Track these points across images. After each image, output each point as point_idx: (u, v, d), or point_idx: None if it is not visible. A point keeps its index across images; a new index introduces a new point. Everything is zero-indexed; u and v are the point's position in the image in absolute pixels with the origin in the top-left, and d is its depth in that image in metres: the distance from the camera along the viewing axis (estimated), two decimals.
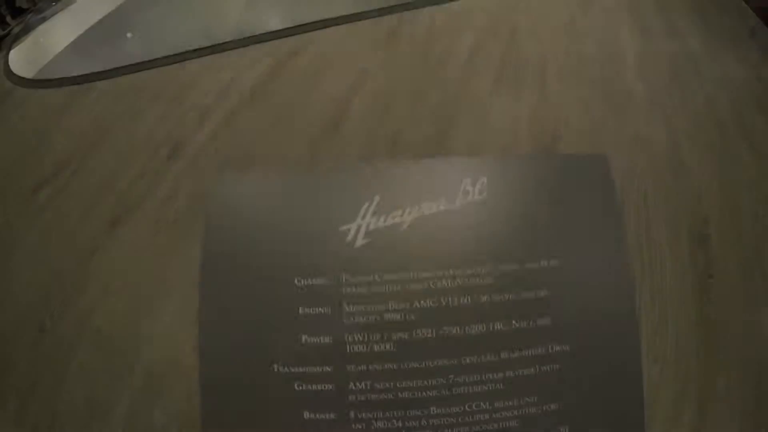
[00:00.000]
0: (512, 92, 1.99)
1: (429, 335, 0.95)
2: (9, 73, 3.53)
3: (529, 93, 2.00)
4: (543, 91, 2.01)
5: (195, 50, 2.68)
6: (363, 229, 1.02)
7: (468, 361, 0.92)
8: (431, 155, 1.69)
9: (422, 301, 0.97)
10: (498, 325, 0.93)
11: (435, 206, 1.02)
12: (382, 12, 2.72)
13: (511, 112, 1.89)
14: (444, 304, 0.96)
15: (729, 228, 1.56)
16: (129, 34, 3.57)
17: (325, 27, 2.64)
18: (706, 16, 3.06)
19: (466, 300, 0.96)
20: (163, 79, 2.54)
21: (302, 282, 1.01)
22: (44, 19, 4.68)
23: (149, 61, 2.74)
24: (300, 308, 1.00)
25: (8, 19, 5.08)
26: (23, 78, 3.31)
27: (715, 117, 2.09)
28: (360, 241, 1.02)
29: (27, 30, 4.54)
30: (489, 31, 2.51)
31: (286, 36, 2.62)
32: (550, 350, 0.94)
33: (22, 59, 3.70)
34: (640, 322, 1.25)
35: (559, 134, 1.77)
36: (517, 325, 0.93)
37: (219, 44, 2.68)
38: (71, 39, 3.84)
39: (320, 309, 0.99)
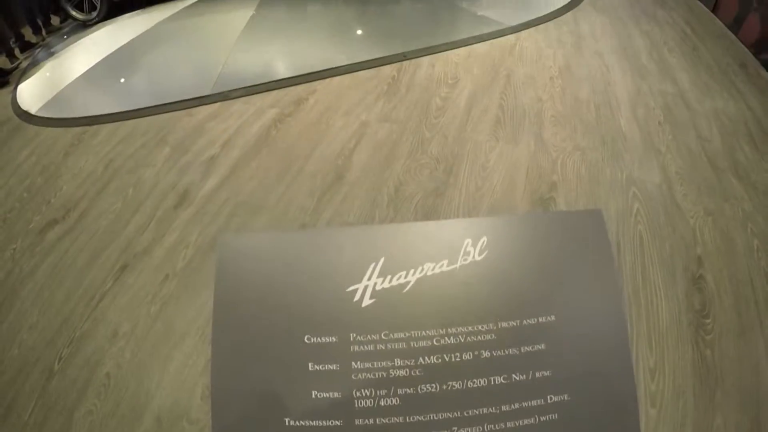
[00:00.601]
0: (510, 139, 2.03)
1: (433, 390, 0.98)
2: (18, 109, 3.63)
3: (527, 139, 2.03)
4: (540, 137, 2.04)
5: (201, 97, 2.75)
6: (369, 290, 1.07)
7: (470, 413, 0.96)
8: (433, 209, 1.72)
9: (426, 358, 1.01)
10: (499, 379, 0.97)
11: (437, 267, 1.07)
12: (382, 61, 2.79)
13: (509, 159, 1.92)
14: (447, 360, 1.00)
15: (724, 265, 1.59)
16: (122, 79, 3.61)
17: (328, 76, 2.71)
18: (696, 51, 3.12)
19: (468, 356, 1.00)
20: (170, 124, 2.59)
21: (312, 339, 1.05)
22: (53, 54, 4.83)
23: (156, 106, 2.81)
24: (310, 364, 1.04)
25: (17, 52, 5.24)
26: (32, 115, 3.37)
27: (708, 153, 2.12)
28: (367, 302, 1.07)
29: (35, 65, 4.67)
30: (486, 77, 2.55)
31: (290, 85, 2.69)
32: (549, 400, 0.98)
33: (30, 94, 3.79)
34: (637, 366, 1.29)
35: (555, 181, 1.80)
36: (517, 378, 0.97)
37: (225, 92, 2.75)
38: (78, 75, 3.95)
39: (330, 366, 1.03)
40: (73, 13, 5.23)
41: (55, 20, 5.89)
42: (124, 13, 5.12)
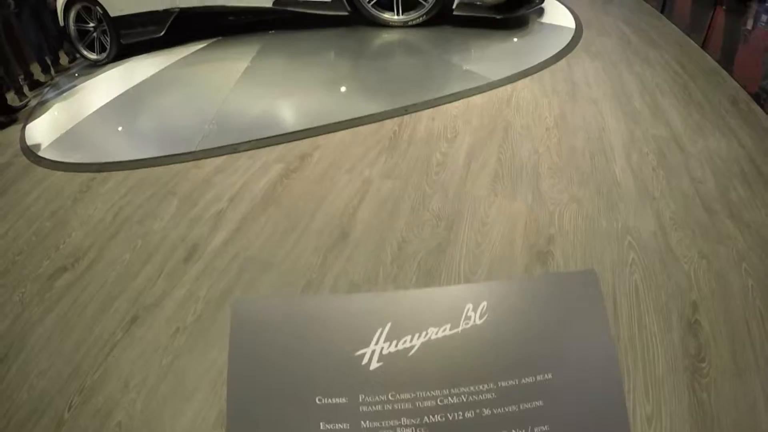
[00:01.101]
0: (508, 193, 2.12)
1: None
2: (26, 149, 3.78)
3: (524, 192, 2.13)
4: (537, 190, 2.14)
5: (207, 150, 2.87)
6: (377, 354, 1.14)
7: None
8: (435, 266, 1.80)
9: (431, 417, 1.09)
10: None
11: (441, 331, 1.15)
12: (383, 115, 2.91)
13: (508, 213, 2.01)
14: (451, 419, 1.08)
15: (719, 308, 1.65)
16: (128, 125, 3.77)
17: (332, 131, 2.82)
18: (688, 90, 3.24)
19: (470, 414, 1.08)
20: (178, 176, 2.70)
21: (323, 400, 1.13)
22: (61, 95, 5.05)
23: (164, 156, 2.93)
24: (321, 423, 1.11)
25: (26, 90, 5.45)
26: (41, 157, 3.51)
27: (702, 195, 2.20)
28: (374, 365, 1.15)
29: (44, 104, 4.88)
30: (484, 130, 2.66)
31: (295, 140, 2.80)
32: None
33: (38, 135, 3.96)
34: (634, 414, 1.35)
35: (553, 234, 1.89)
36: None
37: (231, 144, 2.87)
38: (85, 118, 4.11)
39: (340, 425, 1.10)
40: (85, 52, 5.64)
41: (63, 60, 6.22)
42: (132, 56, 5.40)
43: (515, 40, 4.19)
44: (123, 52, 5.50)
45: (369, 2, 4.47)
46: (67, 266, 2.19)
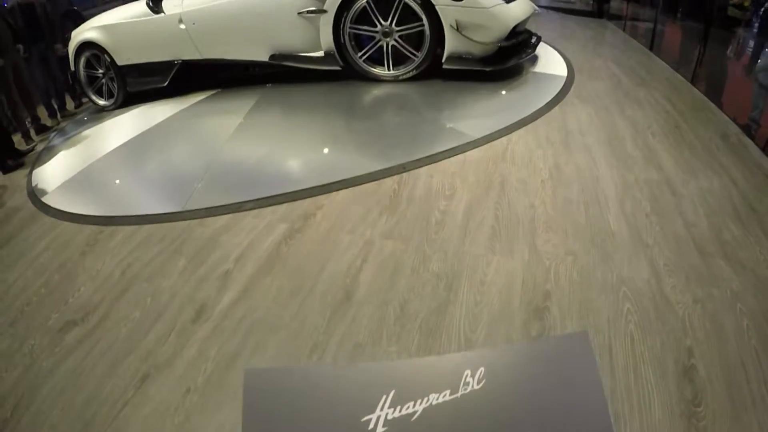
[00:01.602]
0: (505, 251, 2.22)
1: None
2: (33, 196, 3.95)
3: (521, 249, 2.23)
4: (533, 245, 2.24)
5: (212, 208, 2.98)
6: (382, 419, 1.25)
7: None
8: (436, 327, 1.89)
9: None
10: None
11: (441, 396, 1.25)
12: (383, 173, 3.04)
13: (505, 271, 2.10)
14: None
15: (714, 351, 1.72)
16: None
17: (334, 190, 2.93)
18: (679, 129, 3.36)
19: None
20: (184, 234, 2.79)
21: None
22: (68, 141, 5.29)
23: (171, 213, 3.05)
24: None
25: (32, 133, 5.66)
26: (47, 205, 3.66)
27: (695, 238, 2.29)
28: (380, 429, 1.25)
29: (50, 150, 5.10)
30: (481, 186, 2.77)
31: (298, 199, 2.91)
32: None
33: (45, 182, 4.13)
34: None
35: (549, 290, 1.98)
36: None
37: (236, 203, 2.97)
38: (91, 167, 4.29)
39: None
40: (94, 97, 6.04)
41: (69, 105, 6.55)
42: (138, 103, 5.74)
43: (509, 89, 4.34)
44: (130, 99, 5.82)
45: (360, 57, 4.66)
46: (77, 320, 2.27)
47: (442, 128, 3.65)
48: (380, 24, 4.43)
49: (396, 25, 4.41)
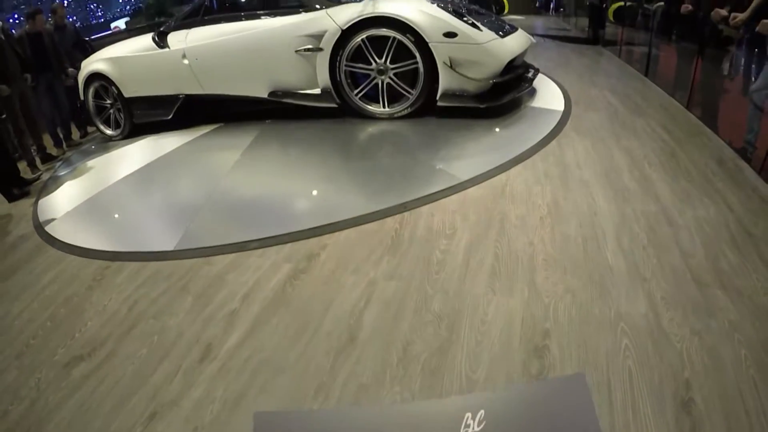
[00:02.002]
0: (505, 290, 2.29)
1: None
2: (39, 227, 4.06)
3: (521, 287, 2.30)
4: (533, 283, 2.31)
5: (218, 246, 3.05)
6: None
7: None
8: (438, 368, 1.95)
9: None
10: None
11: None
12: (385, 213, 3.10)
13: (505, 310, 2.17)
14: None
15: (712, 383, 1.77)
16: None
17: (337, 230, 2.99)
18: (675, 158, 3.44)
19: None
20: (191, 272, 2.85)
21: None
22: (74, 171, 5.47)
23: (177, 251, 3.11)
24: None
25: (38, 162, 5.84)
26: (53, 237, 3.76)
27: (692, 269, 2.36)
28: None
29: (56, 180, 5.27)
30: (481, 224, 2.84)
31: (302, 239, 2.97)
32: None
33: (51, 212, 4.27)
34: None
35: (548, 329, 2.05)
36: None
37: (241, 242, 3.03)
38: (95, 196, 4.45)
39: None
40: (102, 127, 6.36)
41: (75, 134, 6.81)
42: (144, 133, 6.02)
43: (506, 124, 4.42)
44: (136, 130, 6.07)
45: (356, 95, 4.79)
46: (83, 356, 2.32)
47: (440, 167, 3.71)
48: (375, 62, 4.55)
49: (390, 62, 4.53)
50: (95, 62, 6.13)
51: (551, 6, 18.65)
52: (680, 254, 2.46)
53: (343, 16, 4.55)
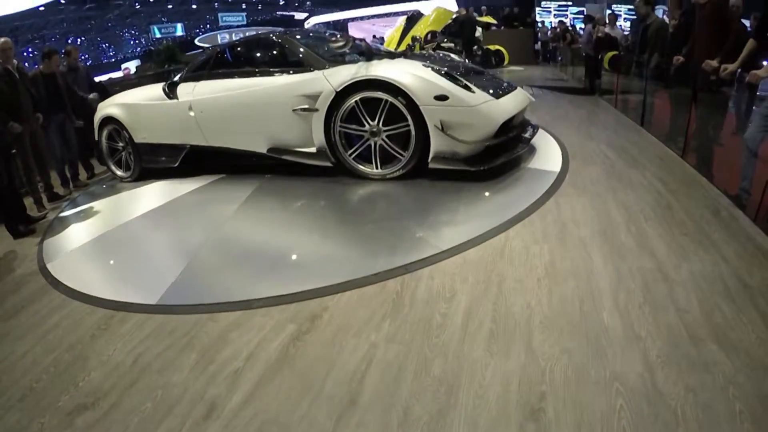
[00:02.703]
0: (503, 353, 2.38)
1: None
2: (43, 268, 4.18)
3: (517, 350, 2.38)
4: (529, 346, 2.39)
5: (222, 303, 3.12)
6: None
7: None
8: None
9: None
10: None
11: None
12: (386, 275, 3.17)
13: (503, 374, 2.24)
14: None
15: None
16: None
17: (339, 291, 3.06)
18: (671, 210, 3.56)
19: None
20: (195, 327, 2.91)
21: None
22: (80, 214, 5.67)
23: (182, 305, 3.18)
24: None
25: (44, 201, 6.06)
26: (57, 279, 3.87)
27: (687, 325, 2.44)
28: None
29: (62, 221, 5.47)
30: (480, 286, 2.93)
31: (306, 299, 3.03)
32: None
33: (56, 254, 4.42)
34: None
35: (545, 391, 2.12)
36: None
37: (245, 300, 3.10)
38: (100, 241, 4.63)
39: None
40: (113, 167, 6.79)
41: (82, 175, 7.10)
42: (152, 178, 6.35)
43: (506, 181, 4.54)
44: (145, 174, 6.39)
45: (350, 155, 4.92)
46: (87, 405, 2.38)
47: (440, 227, 3.80)
48: (368, 124, 4.68)
49: (383, 125, 4.63)
50: (110, 106, 6.53)
51: (549, 56, 19.16)
52: (675, 310, 2.54)
53: (338, 78, 4.71)
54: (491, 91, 4.73)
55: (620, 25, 20.21)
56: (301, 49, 5.28)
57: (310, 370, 2.44)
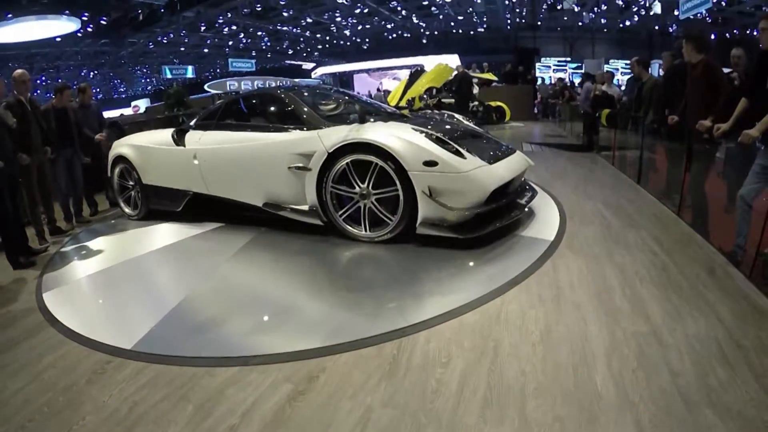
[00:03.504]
0: (497, 420, 2.40)
1: None
2: (41, 304, 4.20)
3: (511, 417, 2.41)
4: (523, 413, 2.43)
5: (220, 358, 3.13)
6: None
7: None
8: None
9: None
10: None
11: None
12: (383, 338, 3.19)
13: None
14: None
15: None
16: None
17: (336, 352, 3.08)
18: (666, 271, 3.63)
19: None
20: (192, 380, 2.91)
21: None
22: (81, 250, 5.79)
23: (180, 357, 3.17)
24: None
25: (46, 234, 6.11)
26: (55, 317, 3.88)
27: (681, 389, 2.48)
28: None
29: (63, 256, 5.57)
30: (475, 351, 2.96)
31: (303, 359, 3.04)
32: None
33: (55, 291, 4.47)
34: None
35: None
36: None
37: (243, 356, 3.11)
38: (100, 279, 4.70)
39: None
40: (122, 204, 7.06)
41: (86, 211, 7.22)
42: (158, 218, 6.61)
43: (504, 244, 4.58)
44: (151, 214, 6.60)
45: (340, 216, 4.93)
46: None
47: (434, 291, 3.86)
48: (358, 186, 4.71)
49: (372, 188, 4.66)
50: (124, 146, 6.80)
51: (548, 112, 19.55)
52: (669, 374, 2.59)
53: (331, 139, 4.79)
54: (486, 155, 4.77)
55: (617, 80, 20.75)
56: (301, 108, 5.44)
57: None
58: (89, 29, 20.52)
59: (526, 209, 5.21)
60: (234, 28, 27.88)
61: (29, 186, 5.97)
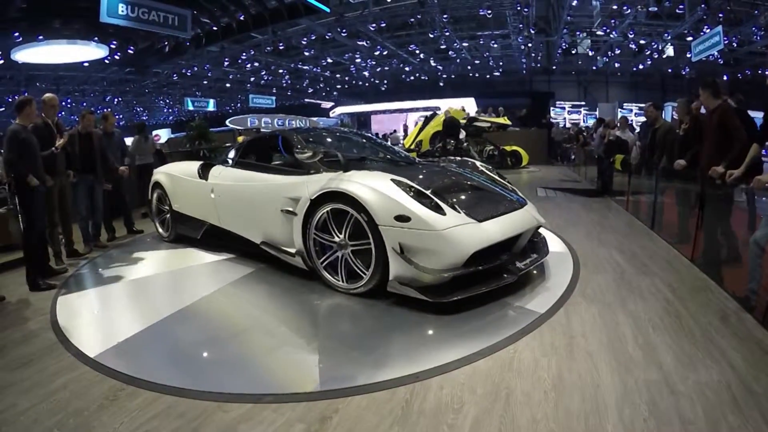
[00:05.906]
0: None
1: None
2: (55, 325, 4.27)
3: None
4: None
5: (233, 394, 3.14)
6: None
7: None
8: None
9: None
10: None
11: None
12: (397, 382, 3.22)
13: None
14: None
15: None
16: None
17: (350, 395, 3.10)
18: (679, 319, 3.68)
19: None
20: (204, 414, 2.92)
21: None
22: (97, 273, 6.04)
23: (194, 390, 3.18)
24: None
25: (63, 256, 6.27)
26: (68, 339, 3.93)
27: None
28: None
29: (78, 280, 5.73)
30: (488, 398, 3.00)
31: (316, 399, 3.05)
32: None
33: (69, 313, 4.55)
34: None
35: None
36: None
37: (257, 394, 3.11)
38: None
39: None
40: (157, 225, 7.59)
41: (103, 236, 7.42)
42: (185, 242, 7.02)
43: (514, 290, 4.55)
44: (178, 238, 7.15)
45: (321, 263, 4.88)
46: None
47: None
48: (337, 236, 4.64)
49: (349, 239, 4.57)
50: (160, 173, 7.46)
51: (563, 156, 19.69)
52: (680, 423, 2.62)
53: (315, 186, 4.83)
54: (479, 211, 4.52)
55: (631, 120, 20.87)
56: (304, 153, 5.55)
57: None
58: (116, 57, 21.10)
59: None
60: (256, 64, 28.61)
61: (50, 208, 6.15)
